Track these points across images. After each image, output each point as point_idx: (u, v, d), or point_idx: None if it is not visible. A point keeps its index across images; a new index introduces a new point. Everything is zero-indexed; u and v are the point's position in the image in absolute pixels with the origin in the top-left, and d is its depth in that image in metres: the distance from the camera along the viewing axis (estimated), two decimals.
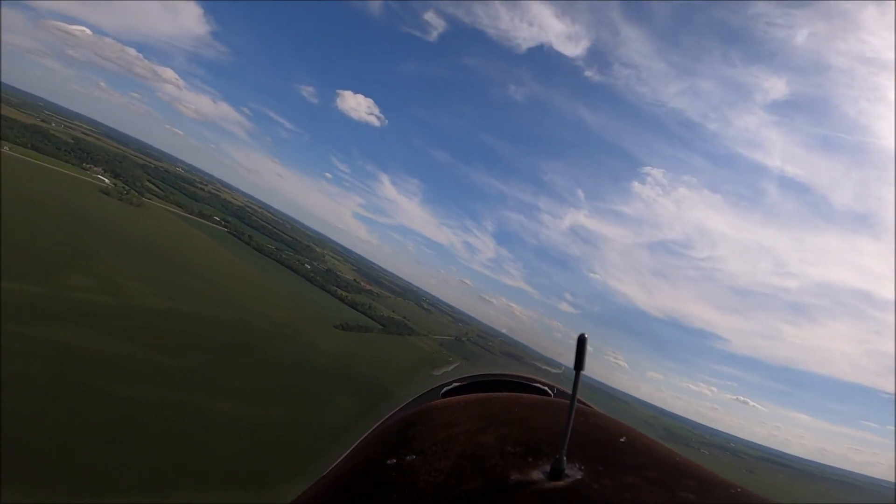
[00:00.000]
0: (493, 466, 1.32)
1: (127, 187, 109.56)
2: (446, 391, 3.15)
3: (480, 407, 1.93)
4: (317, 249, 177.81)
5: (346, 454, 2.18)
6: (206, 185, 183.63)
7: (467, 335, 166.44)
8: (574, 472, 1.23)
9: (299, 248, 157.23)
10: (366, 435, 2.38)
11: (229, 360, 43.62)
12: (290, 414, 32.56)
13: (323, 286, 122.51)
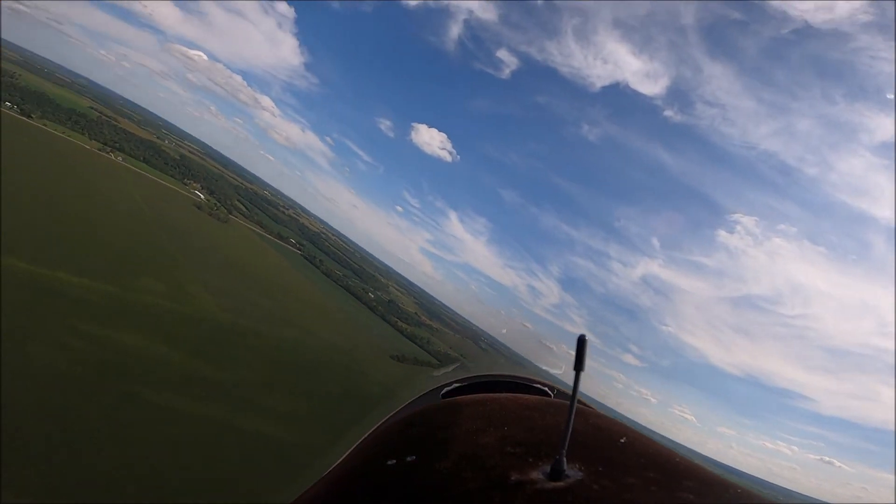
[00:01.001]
0: (493, 467, 1.31)
1: (218, 204, 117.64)
2: (446, 392, 3.19)
3: (480, 407, 1.92)
4: (382, 280, 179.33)
5: (346, 455, 2.15)
6: (287, 209, 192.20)
7: None
8: (574, 473, 1.22)
9: (365, 277, 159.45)
10: (366, 435, 2.35)
11: (275, 379, 43.02)
12: (325, 441, 30.77)
13: (384, 316, 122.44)
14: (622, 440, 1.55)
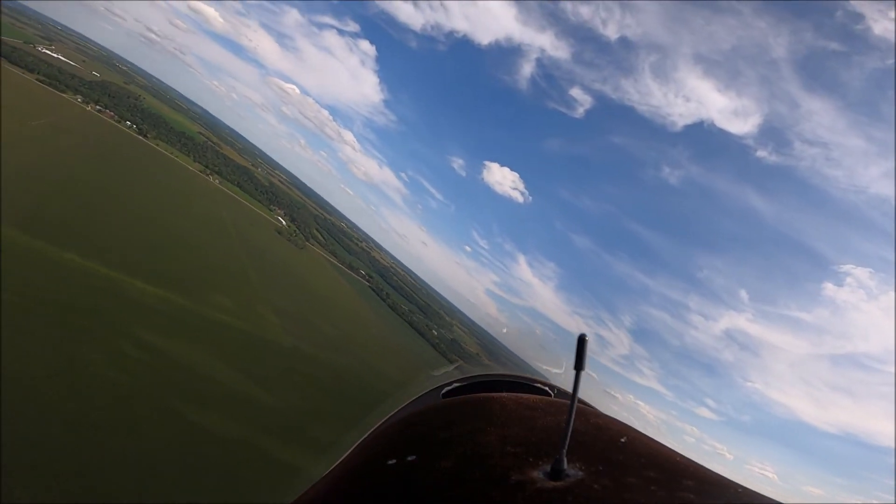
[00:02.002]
0: (493, 466, 1.31)
1: (297, 231, 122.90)
2: (447, 391, 3.18)
3: (481, 407, 1.93)
4: (446, 318, 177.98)
5: (347, 454, 2.16)
6: (361, 241, 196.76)
7: None
8: (574, 473, 1.22)
9: (430, 314, 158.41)
10: (367, 435, 2.36)
11: (325, 408, 41.63)
12: None
13: (445, 354, 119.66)
14: (622, 440, 1.56)
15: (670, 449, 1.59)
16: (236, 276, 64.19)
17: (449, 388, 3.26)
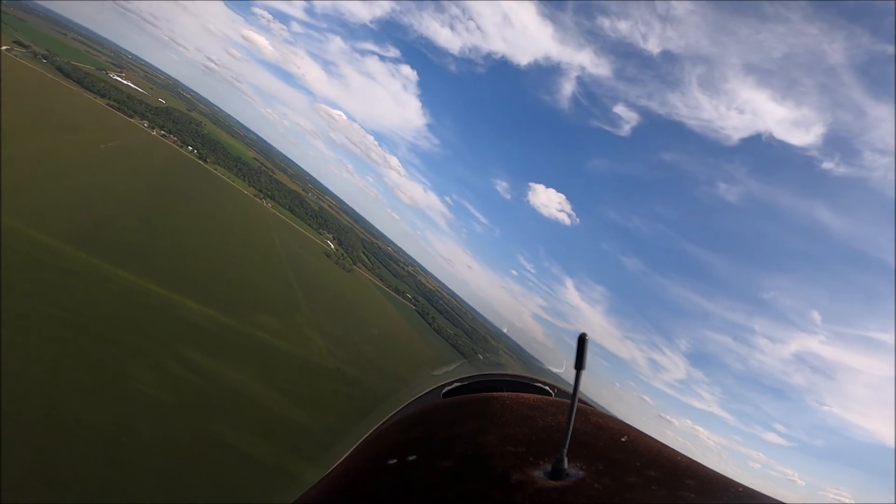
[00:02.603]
0: (494, 466, 1.30)
1: (345, 254, 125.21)
2: (447, 391, 3.14)
3: (481, 407, 1.90)
4: (492, 342, 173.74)
5: (347, 454, 2.12)
6: (407, 265, 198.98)
7: None
8: (575, 472, 1.21)
9: (475, 338, 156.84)
10: (367, 435, 2.34)
11: (366, 433, 40.22)
12: None
13: None
14: (623, 439, 1.55)
15: (671, 448, 1.57)
16: (285, 298, 64.71)
17: (449, 387, 3.18)
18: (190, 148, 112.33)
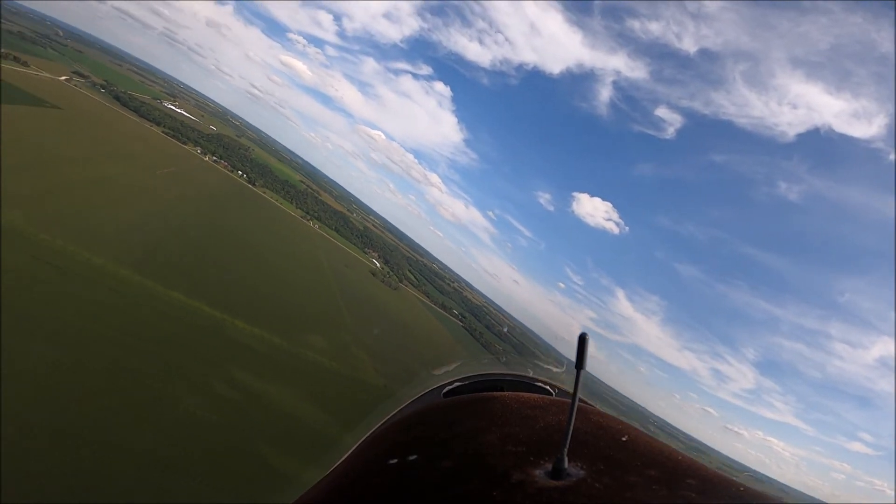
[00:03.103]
0: (494, 466, 1.31)
1: (391, 272, 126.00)
2: (448, 391, 3.14)
3: (482, 406, 1.94)
4: (542, 357, 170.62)
5: (347, 454, 2.14)
6: (452, 282, 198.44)
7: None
8: (576, 472, 1.22)
9: (524, 353, 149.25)
10: (367, 435, 2.35)
11: None
12: None
13: None
14: (624, 438, 1.56)
15: (672, 448, 1.57)
16: (332, 317, 64.71)
17: (450, 387, 3.16)
18: (240, 172, 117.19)
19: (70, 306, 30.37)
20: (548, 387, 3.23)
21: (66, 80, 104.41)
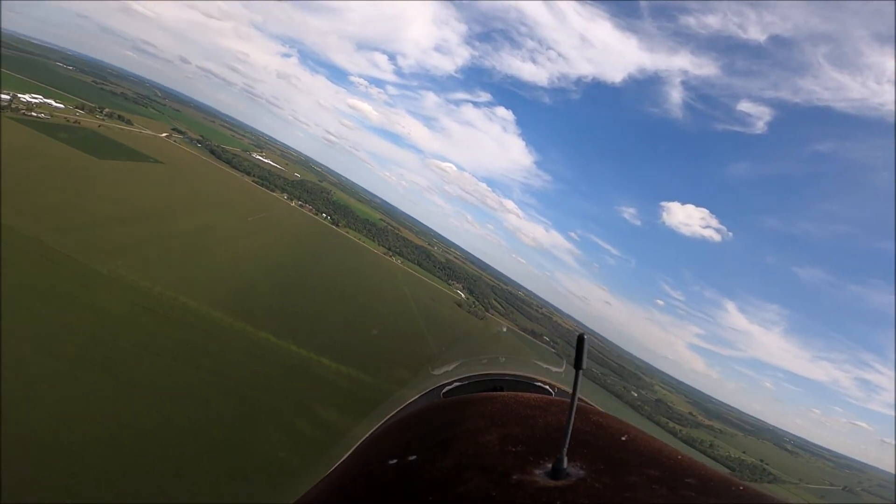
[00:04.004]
0: (494, 466, 1.32)
1: (476, 302, 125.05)
2: (447, 391, 3.21)
3: (481, 406, 1.93)
4: (644, 378, 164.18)
5: (347, 455, 2.17)
6: (540, 308, 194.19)
7: (860, 485, 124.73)
8: (575, 471, 1.23)
9: (625, 376, 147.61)
10: (367, 435, 2.37)
11: None
12: None
13: (651, 416, 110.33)
14: (623, 438, 1.55)
15: (672, 447, 1.57)
16: (420, 351, 63.30)
17: (449, 387, 3.24)
18: (324, 215, 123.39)
19: (166, 350, 31.17)
20: (547, 386, 3.30)
21: (166, 136, 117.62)
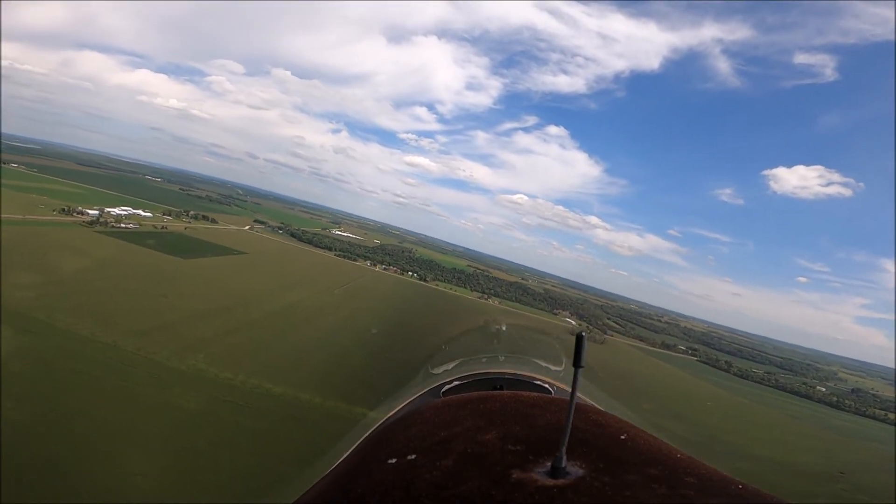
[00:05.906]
0: (493, 465, 1.33)
1: (590, 326, 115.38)
2: (446, 390, 3.19)
3: (481, 405, 1.97)
4: (822, 367, 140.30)
5: (347, 454, 2.18)
6: (661, 317, 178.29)
7: None
8: (575, 470, 1.24)
9: (797, 369, 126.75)
10: (367, 434, 2.39)
11: None
12: None
13: (860, 411, 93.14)
14: (623, 437, 1.57)
15: (671, 446, 1.57)
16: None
17: (449, 386, 3.23)
18: (410, 273, 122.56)
19: (245, 444, 27.35)
20: (546, 385, 3.31)
21: (248, 228, 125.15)
